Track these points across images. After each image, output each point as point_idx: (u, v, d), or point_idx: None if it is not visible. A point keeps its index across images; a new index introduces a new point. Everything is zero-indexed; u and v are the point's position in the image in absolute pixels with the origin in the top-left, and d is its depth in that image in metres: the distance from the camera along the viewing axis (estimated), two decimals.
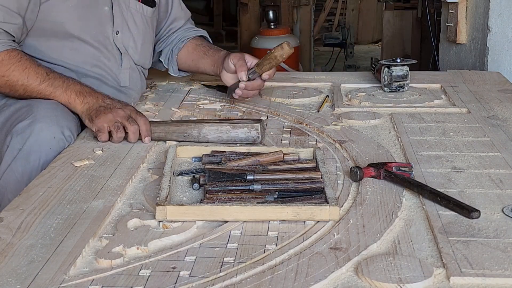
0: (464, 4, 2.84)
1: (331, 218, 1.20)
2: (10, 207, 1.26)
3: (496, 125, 1.76)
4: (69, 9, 1.78)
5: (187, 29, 2.16)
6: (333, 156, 1.55)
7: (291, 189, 1.30)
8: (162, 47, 2.14)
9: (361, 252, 1.09)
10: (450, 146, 1.60)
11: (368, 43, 8.47)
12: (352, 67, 6.35)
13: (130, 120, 1.64)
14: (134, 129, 1.63)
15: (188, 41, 2.11)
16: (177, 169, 1.45)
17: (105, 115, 1.64)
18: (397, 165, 1.40)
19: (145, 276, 1.02)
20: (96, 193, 1.33)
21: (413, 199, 1.31)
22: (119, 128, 1.63)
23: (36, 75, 1.70)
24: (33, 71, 1.70)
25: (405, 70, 2.09)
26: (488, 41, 2.69)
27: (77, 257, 1.07)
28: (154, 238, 1.14)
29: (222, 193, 1.27)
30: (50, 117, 1.62)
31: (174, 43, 2.12)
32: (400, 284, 0.98)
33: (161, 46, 2.14)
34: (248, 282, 1.00)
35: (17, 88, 1.71)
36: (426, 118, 1.83)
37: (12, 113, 1.69)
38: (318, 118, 1.85)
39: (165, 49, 2.14)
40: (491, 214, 1.22)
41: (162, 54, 2.14)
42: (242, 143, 1.62)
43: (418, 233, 1.16)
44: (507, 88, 2.16)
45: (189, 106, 1.98)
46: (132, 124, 1.63)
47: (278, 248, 1.11)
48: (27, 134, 1.59)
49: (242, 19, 6.35)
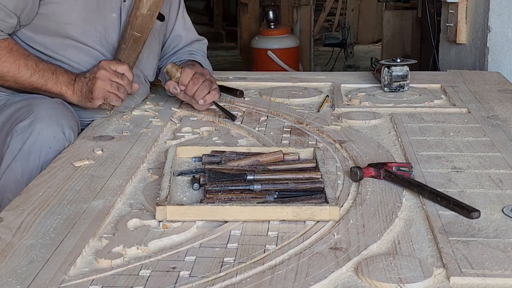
0: (464, 4, 2.84)
1: (331, 218, 1.20)
2: (10, 207, 1.26)
3: (496, 125, 1.76)
4: (75, 12, 1.77)
5: (187, 51, 2.11)
6: (333, 156, 1.55)
7: (291, 189, 1.30)
8: (162, 65, 2.10)
9: (361, 252, 1.09)
10: (450, 146, 1.60)
11: (368, 43, 8.47)
12: (352, 67, 6.35)
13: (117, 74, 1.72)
14: (126, 81, 1.72)
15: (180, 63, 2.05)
16: (177, 169, 1.46)
17: (95, 86, 1.71)
18: (397, 165, 1.40)
19: (145, 276, 1.02)
20: (96, 193, 1.33)
21: (413, 199, 1.31)
22: (118, 87, 1.71)
23: (27, 67, 1.71)
24: (23, 63, 1.71)
25: (405, 70, 2.09)
26: (488, 41, 2.69)
27: (77, 257, 1.07)
28: (154, 238, 1.14)
29: (222, 193, 1.27)
30: (50, 117, 1.63)
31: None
32: (400, 284, 0.98)
33: (160, 64, 2.10)
34: (248, 282, 1.00)
35: (7, 79, 1.72)
36: (426, 118, 1.83)
37: (13, 113, 1.69)
38: (318, 118, 1.85)
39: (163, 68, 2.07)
40: (491, 214, 1.22)
41: (160, 72, 2.10)
42: None
43: (418, 233, 1.16)
44: (507, 88, 2.16)
45: (189, 106, 1.98)
46: (122, 78, 1.72)
47: (278, 248, 1.11)
48: (27, 134, 1.59)
49: (242, 19, 6.36)
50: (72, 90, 1.75)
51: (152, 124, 1.81)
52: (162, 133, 1.74)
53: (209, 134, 1.74)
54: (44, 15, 1.75)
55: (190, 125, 1.80)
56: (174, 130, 1.78)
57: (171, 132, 1.76)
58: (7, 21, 1.70)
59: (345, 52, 6.73)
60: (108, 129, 1.76)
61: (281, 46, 5.44)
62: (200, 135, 1.73)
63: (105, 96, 1.72)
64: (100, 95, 1.72)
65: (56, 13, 1.76)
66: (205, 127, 1.78)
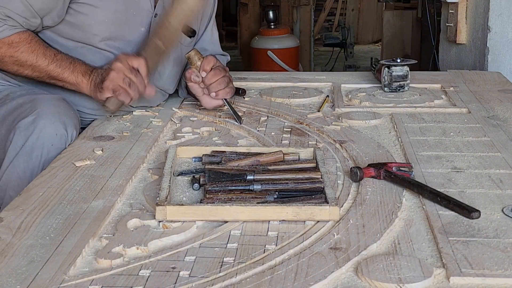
0: (464, 4, 2.84)
1: (331, 218, 1.20)
2: (10, 207, 1.26)
3: (497, 125, 1.76)
4: (103, 24, 1.77)
5: None
6: (333, 156, 1.55)
7: (291, 189, 1.30)
8: None
9: (361, 252, 1.08)
10: (450, 146, 1.60)
11: (368, 43, 8.47)
12: (352, 67, 6.35)
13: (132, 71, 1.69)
14: (140, 79, 1.69)
15: None
16: (177, 169, 1.46)
17: (108, 77, 1.68)
18: (397, 165, 1.40)
19: (145, 276, 1.02)
20: (96, 193, 1.33)
21: (413, 199, 1.31)
22: (130, 83, 1.68)
23: (45, 57, 1.72)
24: (41, 53, 1.72)
25: (405, 70, 2.09)
26: (488, 41, 2.69)
27: (77, 257, 1.07)
28: (154, 238, 1.14)
29: (222, 193, 1.27)
30: (53, 114, 1.63)
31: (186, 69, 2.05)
32: (400, 284, 0.98)
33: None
34: (248, 282, 1.00)
35: (26, 68, 1.73)
36: (426, 118, 1.83)
37: (15, 108, 1.69)
38: (318, 118, 1.85)
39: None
40: (491, 214, 1.22)
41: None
42: None
43: (418, 233, 1.16)
44: (507, 88, 2.16)
45: (189, 106, 1.98)
46: (136, 76, 1.69)
47: (278, 248, 1.11)
48: (30, 131, 1.59)
49: (242, 19, 6.35)
50: (88, 79, 1.74)
51: (152, 124, 1.81)
52: (162, 133, 1.74)
53: (209, 134, 1.74)
54: (71, 24, 1.75)
55: (190, 125, 1.80)
56: (174, 130, 1.78)
57: (171, 132, 1.76)
58: (30, 20, 1.70)
59: (345, 52, 6.73)
60: (108, 129, 1.76)
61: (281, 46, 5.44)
62: (200, 135, 1.73)
63: (115, 88, 1.69)
64: (110, 86, 1.69)
65: (84, 23, 1.75)
66: (205, 127, 1.78)
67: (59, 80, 1.75)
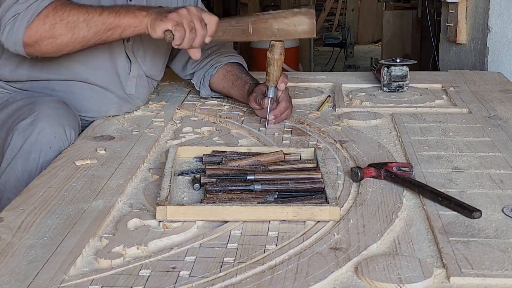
0: (464, 4, 2.84)
1: (331, 218, 1.20)
2: (10, 207, 1.26)
3: (497, 125, 1.76)
4: None
5: (222, 53, 2.05)
6: (333, 156, 1.55)
7: (291, 189, 1.30)
8: (195, 70, 2.06)
9: (361, 252, 1.08)
10: (450, 146, 1.60)
11: (368, 43, 8.47)
12: (352, 67, 6.36)
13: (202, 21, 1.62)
14: (203, 33, 1.62)
15: (220, 67, 2.02)
16: (177, 169, 1.45)
17: (178, 11, 1.61)
18: (398, 165, 1.40)
19: (145, 276, 1.02)
20: (96, 193, 1.33)
21: (414, 199, 1.31)
22: (192, 28, 1.61)
23: (94, 8, 1.64)
24: (88, 6, 1.64)
25: (404, 70, 2.09)
26: (488, 41, 2.69)
27: (77, 257, 1.07)
28: (154, 238, 1.14)
29: (223, 193, 1.27)
30: (52, 116, 1.62)
31: (206, 69, 2.03)
32: (400, 284, 0.98)
33: (194, 68, 2.06)
34: (248, 282, 1.00)
35: (80, 27, 1.62)
36: (427, 118, 1.83)
37: (15, 111, 1.68)
38: (319, 118, 1.85)
39: (197, 72, 2.05)
40: (491, 214, 1.22)
41: (194, 77, 2.06)
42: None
43: (418, 233, 1.16)
44: (508, 88, 2.16)
45: (189, 106, 1.98)
46: (203, 28, 1.62)
47: (278, 248, 1.11)
48: (28, 133, 1.59)
49: None
50: (147, 12, 1.64)
51: (153, 124, 1.81)
52: (163, 133, 1.74)
53: (209, 134, 1.74)
54: None
55: (191, 125, 1.80)
56: (175, 130, 1.78)
57: (172, 132, 1.76)
58: None
59: (345, 52, 6.73)
60: (108, 129, 1.76)
61: None
62: (201, 135, 1.73)
63: (178, 23, 1.60)
64: (176, 19, 1.60)
65: None
66: (206, 127, 1.78)
67: (117, 26, 1.64)
